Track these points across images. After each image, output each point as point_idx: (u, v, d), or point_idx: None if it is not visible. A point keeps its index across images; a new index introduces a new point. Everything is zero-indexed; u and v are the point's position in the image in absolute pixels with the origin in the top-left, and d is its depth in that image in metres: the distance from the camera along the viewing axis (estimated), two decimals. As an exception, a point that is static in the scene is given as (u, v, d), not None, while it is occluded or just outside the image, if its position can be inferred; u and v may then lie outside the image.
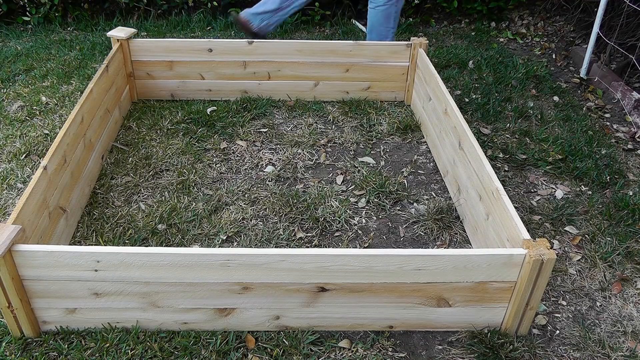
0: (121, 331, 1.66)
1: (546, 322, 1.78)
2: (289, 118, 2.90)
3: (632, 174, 2.53)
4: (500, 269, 1.56)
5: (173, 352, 1.62)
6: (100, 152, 2.43)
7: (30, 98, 3.00)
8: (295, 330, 1.69)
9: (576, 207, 2.28)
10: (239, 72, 2.96)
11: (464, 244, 2.09)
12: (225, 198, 2.27)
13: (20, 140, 2.62)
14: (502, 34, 4.21)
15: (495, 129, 2.83)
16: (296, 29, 4.16)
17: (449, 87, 3.26)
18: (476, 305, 1.65)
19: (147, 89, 2.99)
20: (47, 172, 1.84)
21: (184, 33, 4.04)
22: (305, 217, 2.17)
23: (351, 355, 1.64)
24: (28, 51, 3.64)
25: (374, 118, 2.89)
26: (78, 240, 2.05)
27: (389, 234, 2.14)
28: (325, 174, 2.47)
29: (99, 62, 3.48)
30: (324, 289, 1.59)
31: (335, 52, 2.90)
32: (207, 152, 2.58)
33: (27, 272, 1.52)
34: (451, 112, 2.28)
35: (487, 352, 1.64)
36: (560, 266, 2.00)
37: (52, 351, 1.61)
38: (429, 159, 2.59)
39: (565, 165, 2.53)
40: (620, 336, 1.74)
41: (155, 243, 2.03)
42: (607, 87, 3.21)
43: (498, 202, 1.77)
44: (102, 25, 4.13)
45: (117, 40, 2.79)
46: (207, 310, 1.64)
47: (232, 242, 2.06)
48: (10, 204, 2.22)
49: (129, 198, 2.26)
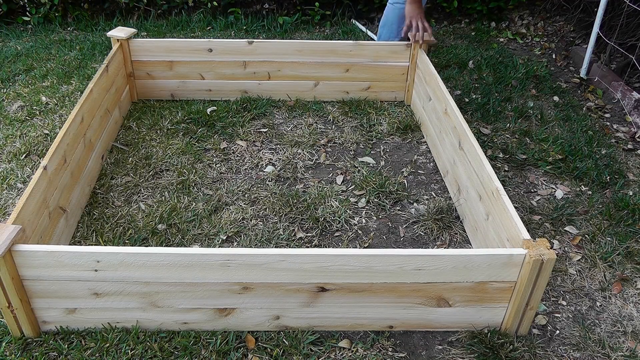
0: (121, 331, 1.66)
1: (546, 322, 1.78)
2: (289, 118, 2.90)
3: (632, 174, 2.53)
4: (500, 269, 1.56)
5: (173, 352, 1.62)
6: (100, 152, 2.43)
7: (30, 98, 3.00)
8: (295, 330, 1.69)
9: (576, 207, 2.28)
10: (239, 72, 2.96)
11: (464, 244, 2.09)
12: (225, 198, 2.27)
13: (20, 140, 2.62)
14: (502, 34, 4.21)
15: (495, 129, 2.83)
16: (296, 29, 4.16)
17: (449, 87, 3.26)
18: (476, 305, 1.66)
19: (147, 89, 2.99)
20: (47, 172, 1.84)
21: (184, 33, 4.04)
22: (305, 217, 2.17)
23: (351, 355, 1.64)
24: (28, 51, 3.64)
25: (374, 118, 2.89)
26: (78, 240, 2.05)
27: (389, 234, 2.14)
28: (325, 174, 2.47)
29: (99, 62, 3.48)
30: (324, 289, 1.59)
31: (335, 52, 2.90)
32: (207, 152, 2.58)
33: (27, 272, 1.52)
34: (451, 112, 2.28)
35: (487, 352, 1.64)
36: (560, 266, 2.00)
37: (52, 351, 1.61)
38: (429, 159, 2.59)
39: (565, 165, 2.53)
40: (620, 336, 1.74)
41: (155, 243, 2.03)
42: (607, 87, 3.21)
43: (498, 202, 1.77)
44: (102, 25, 4.13)
45: (117, 40, 2.79)
46: (207, 310, 1.64)
47: (232, 242, 2.06)
48: (10, 204, 2.22)
49: (129, 198, 2.26)
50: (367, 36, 3.99)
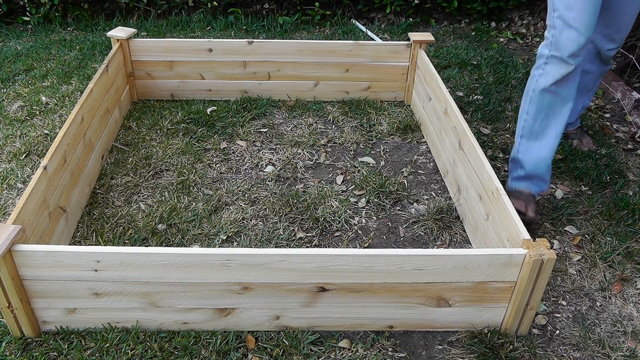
0: (121, 331, 1.66)
1: (546, 322, 1.78)
2: (289, 118, 2.90)
3: (632, 174, 2.53)
4: (500, 269, 1.56)
5: (173, 352, 1.62)
6: (100, 152, 2.43)
7: (30, 98, 3.00)
8: (295, 330, 1.69)
9: (576, 207, 2.28)
10: (239, 72, 2.96)
11: (464, 244, 2.09)
12: (225, 198, 2.27)
13: (20, 140, 2.62)
14: (502, 34, 4.21)
15: (495, 129, 2.83)
16: (296, 29, 4.17)
17: (449, 87, 3.26)
18: (476, 305, 1.66)
19: (147, 89, 2.99)
20: (47, 172, 1.84)
21: (184, 33, 4.04)
22: (305, 217, 2.17)
23: (351, 355, 1.64)
24: (28, 51, 3.64)
25: (374, 118, 2.89)
26: (78, 240, 2.05)
27: (389, 234, 2.14)
28: (325, 174, 2.47)
29: (99, 62, 3.48)
30: (324, 289, 1.59)
31: (335, 52, 2.90)
32: (207, 152, 2.58)
33: (27, 272, 1.52)
34: (451, 112, 2.28)
35: (487, 352, 1.64)
36: (560, 266, 2.00)
37: (52, 351, 1.61)
38: (429, 159, 2.59)
39: (565, 165, 2.53)
40: (620, 336, 1.74)
41: (155, 243, 2.03)
42: (607, 87, 3.21)
43: (498, 202, 1.77)
44: (102, 25, 4.13)
45: (117, 40, 2.79)
46: (207, 310, 1.64)
47: (232, 242, 2.06)
48: (10, 204, 2.22)
49: (129, 198, 2.26)
50: (367, 36, 3.99)
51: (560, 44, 1.96)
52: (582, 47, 1.94)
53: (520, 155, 2.17)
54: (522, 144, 2.17)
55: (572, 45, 1.95)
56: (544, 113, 2.09)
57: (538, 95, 2.07)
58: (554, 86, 2.03)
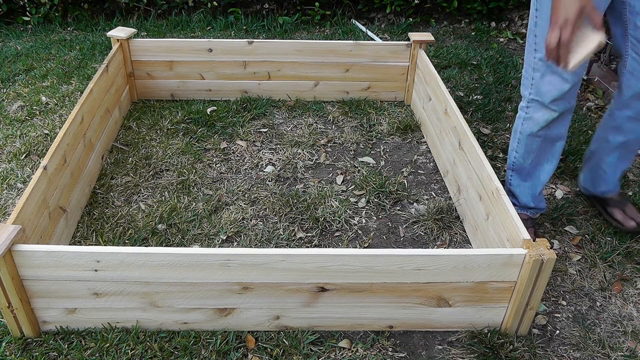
0: (121, 331, 1.66)
1: (546, 322, 1.78)
2: (289, 118, 2.90)
3: (632, 174, 2.53)
4: (500, 269, 1.56)
5: (173, 352, 1.62)
6: (100, 152, 2.43)
7: (30, 98, 3.00)
8: (295, 330, 1.69)
9: (576, 207, 2.28)
10: (239, 72, 2.96)
11: (464, 244, 2.09)
12: (225, 198, 2.27)
13: (20, 140, 2.62)
14: (502, 34, 4.21)
15: (495, 129, 2.83)
16: (296, 29, 4.17)
17: (449, 87, 3.26)
18: (476, 305, 1.66)
19: (147, 89, 2.99)
20: (47, 172, 1.84)
21: (184, 33, 4.05)
22: (305, 217, 2.17)
23: (351, 355, 1.64)
24: (28, 51, 3.64)
25: (374, 118, 2.89)
26: (78, 240, 2.05)
27: (389, 234, 2.14)
28: (325, 174, 2.47)
29: (99, 62, 3.48)
30: (324, 289, 1.59)
31: (335, 52, 2.91)
32: (207, 152, 2.58)
33: (27, 272, 1.52)
34: (451, 112, 2.28)
35: (487, 352, 1.64)
36: (560, 266, 2.00)
37: (52, 351, 1.61)
38: (429, 159, 2.59)
39: (565, 165, 2.53)
40: (620, 336, 1.74)
41: (155, 243, 2.03)
42: (607, 87, 3.21)
43: (498, 202, 1.77)
44: (102, 25, 4.13)
45: (117, 40, 2.79)
46: (207, 310, 1.64)
47: (232, 242, 2.06)
48: (10, 204, 2.22)
49: (129, 198, 2.26)
50: (367, 36, 3.99)
51: (542, 89, 1.78)
52: (566, 93, 1.74)
53: (513, 188, 2.10)
54: (514, 179, 2.08)
55: (554, 92, 1.75)
56: (534, 154, 1.97)
57: (525, 139, 1.95)
58: (542, 131, 1.89)
